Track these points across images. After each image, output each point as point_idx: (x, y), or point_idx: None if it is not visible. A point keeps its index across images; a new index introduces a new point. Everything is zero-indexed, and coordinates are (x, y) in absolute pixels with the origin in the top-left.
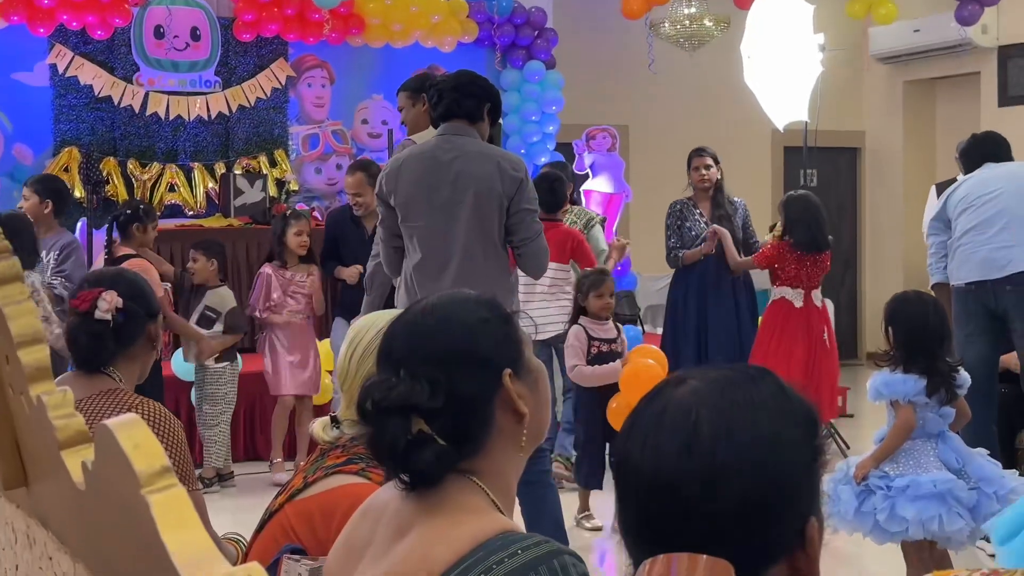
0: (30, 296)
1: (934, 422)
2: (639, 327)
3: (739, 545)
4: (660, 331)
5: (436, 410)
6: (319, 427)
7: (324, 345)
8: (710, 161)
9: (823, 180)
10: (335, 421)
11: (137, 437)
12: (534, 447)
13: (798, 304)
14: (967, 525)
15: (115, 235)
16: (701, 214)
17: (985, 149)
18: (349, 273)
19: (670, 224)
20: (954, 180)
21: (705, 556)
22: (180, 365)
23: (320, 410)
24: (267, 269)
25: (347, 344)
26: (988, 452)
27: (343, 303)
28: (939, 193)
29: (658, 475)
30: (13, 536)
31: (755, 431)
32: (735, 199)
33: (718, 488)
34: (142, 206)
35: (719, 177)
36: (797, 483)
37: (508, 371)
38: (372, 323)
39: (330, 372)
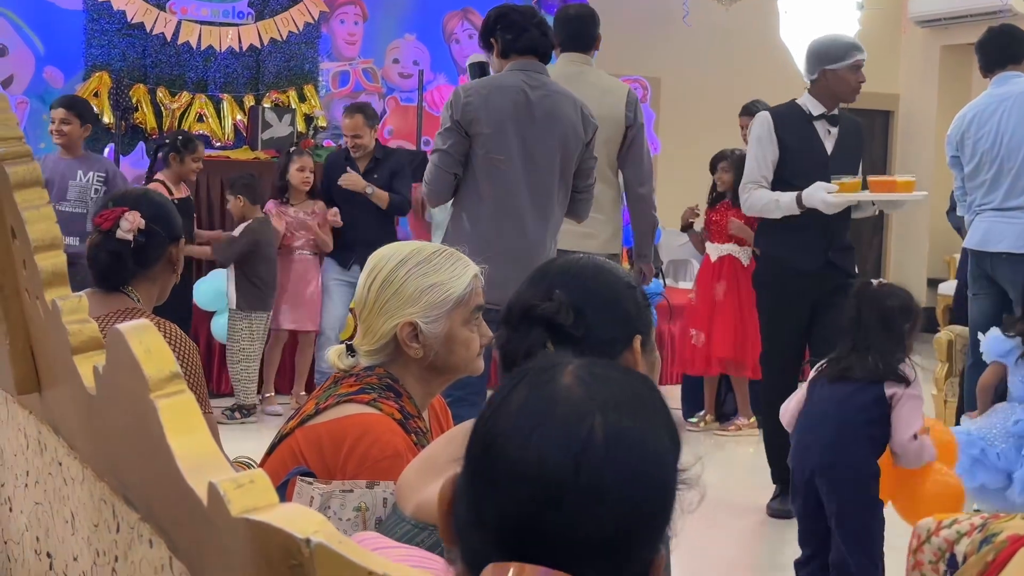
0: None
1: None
2: (661, 281)
3: (598, 569)
4: (683, 286)
5: (572, 339)
6: (334, 355)
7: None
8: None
9: None
10: (351, 350)
11: (149, 342)
12: None
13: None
14: None
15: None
16: None
17: (1007, 47)
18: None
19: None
20: None
21: None
22: (202, 295)
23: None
24: (270, 207)
25: (367, 273)
26: None
27: (335, 245)
28: None
29: (540, 480)
30: (25, 442)
31: (645, 455)
32: None
33: (597, 511)
34: (180, 137)
35: None
36: (668, 513)
37: (639, 337)
38: (393, 253)
39: (351, 310)
